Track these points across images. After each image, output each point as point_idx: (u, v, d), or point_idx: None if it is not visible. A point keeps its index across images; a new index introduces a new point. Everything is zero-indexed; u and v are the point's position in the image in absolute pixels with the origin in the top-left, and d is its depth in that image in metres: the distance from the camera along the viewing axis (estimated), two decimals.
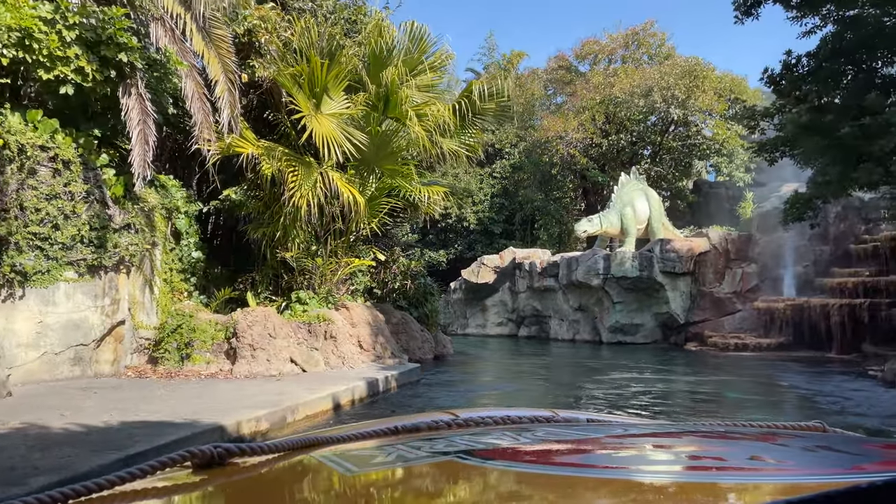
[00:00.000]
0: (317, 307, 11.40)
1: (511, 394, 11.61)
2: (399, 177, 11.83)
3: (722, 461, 1.09)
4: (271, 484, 1.08)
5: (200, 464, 1.07)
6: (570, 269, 22.24)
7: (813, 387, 11.55)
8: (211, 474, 1.06)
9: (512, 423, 1.42)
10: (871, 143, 10.06)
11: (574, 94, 26.68)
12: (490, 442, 1.23)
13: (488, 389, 12.05)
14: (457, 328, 26.25)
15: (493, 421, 1.43)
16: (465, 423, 1.43)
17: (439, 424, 1.39)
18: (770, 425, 1.41)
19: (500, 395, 11.10)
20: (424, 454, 1.13)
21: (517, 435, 1.27)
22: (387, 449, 1.20)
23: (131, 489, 0.99)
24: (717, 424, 1.47)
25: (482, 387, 12.49)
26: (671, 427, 1.52)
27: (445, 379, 12.49)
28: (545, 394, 11.39)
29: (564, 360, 19.08)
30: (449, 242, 30.23)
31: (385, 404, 9.05)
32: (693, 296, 21.61)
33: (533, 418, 1.46)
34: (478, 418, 1.47)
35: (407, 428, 1.33)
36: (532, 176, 27.90)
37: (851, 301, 17.49)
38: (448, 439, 1.23)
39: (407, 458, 1.11)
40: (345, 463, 1.08)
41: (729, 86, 24.44)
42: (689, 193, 27.89)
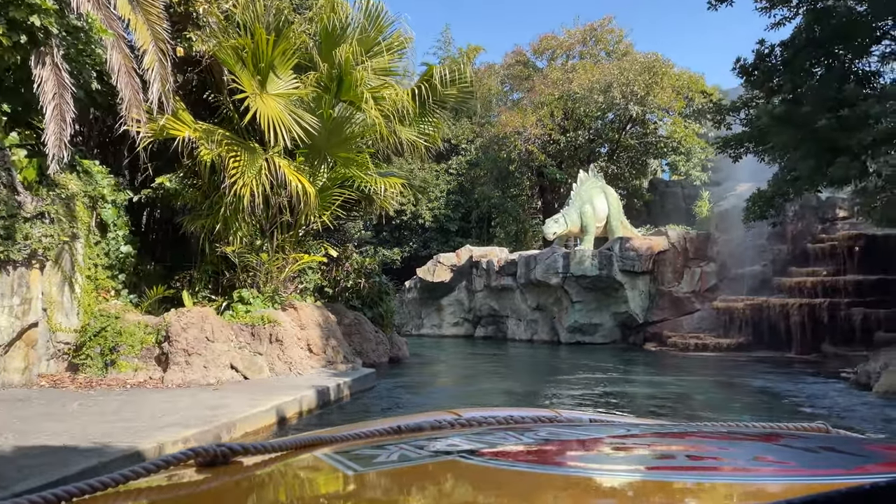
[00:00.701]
0: (261, 307, 10.38)
1: (473, 397, 10.86)
2: (353, 166, 10.90)
3: (724, 461, 1.08)
4: (275, 483, 1.09)
5: (204, 462, 1.07)
6: (528, 267, 21.64)
7: (786, 390, 11.12)
8: (214, 473, 1.06)
9: (515, 423, 1.43)
10: (848, 136, 9.65)
11: (532, 90, 26.12)
12: (493, 442, 1.21)
13: (448, 394, 11.24)
14: (411, 329, 25.40)
15: (496, 421, 1.44)
16: (467, 422, 1.43)
17: (442, 424, 1.39)
18: (772, 426, 1.40)
19: (461, 400, 10.33)
20: (427, 454, 1.11)
21: (520, 435, 1.26)
22: (390, 448, 1.16)
23: (135, 487, 1.00)
24: (720, 425, 1.45)
25: (441, 391, 11.67)
26: (674, 427, 1.47)
27: (402, 384, 11.63)
28: (508, 398, 10.67)
29: (523, 361, 18.44)
30: (403, 240, 29.33)
31: (337, 415, 8.14)
32: (652, 295, 21.27)
33: (536, 418, 1.48)
34: (480, 418, 1.47)
35: (410, 427, 1.34)
36: (489, 173, 27.24)
37: (811, 301, 17.35)
38: (451, 439, 1.23)
39: (410, 458, 1.09)
40: (348, 462, 1.06)
41: (687, 83, 24.25)
42: (646, 192, 27.68)
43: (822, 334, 17.27)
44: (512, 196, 27.45)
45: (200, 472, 1.07)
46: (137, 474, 1.00)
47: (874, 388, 9.69)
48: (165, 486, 1.02)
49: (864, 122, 9.45)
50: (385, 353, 14.67)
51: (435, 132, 12.95)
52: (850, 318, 16.61)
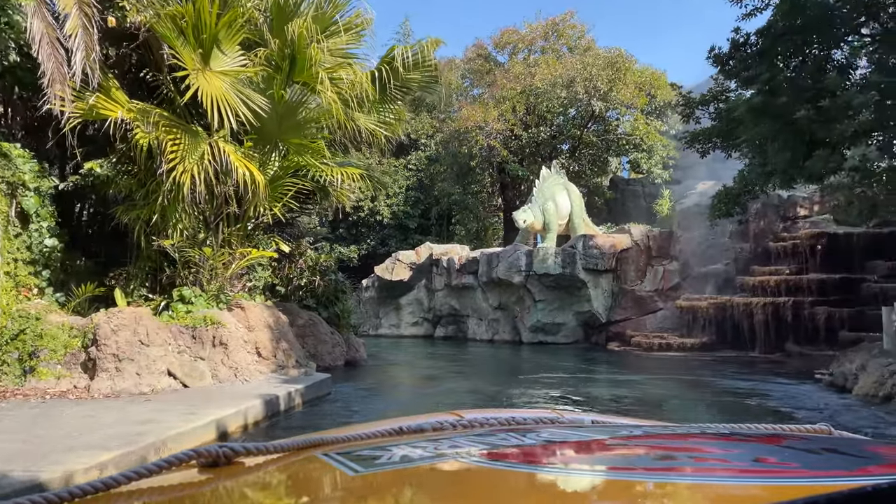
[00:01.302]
0: (205, 307, 9.45)
1: (435, 401, 10.15)
2: (307, 153, 10.04)
3: (726, 463, 1.08)
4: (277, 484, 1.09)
5: (206, 463, 1.08)
6: (490, 265, 21.03)
7: (762, 392, 10.72)
8: (216, 473, 1.07)
9: (516, 425, 1.42)
10: (828, 128, 9.26)
11: (493, 84, 25.53)
12: (495, 443, 1.21)
13: (409, 399, 10.50)
14: (369, 329, 24.56)
15: (498, 422, 1.45)
16: (469, 423, 1.42)
17: (444, 425, 1.38)
18: (775, 427, 1.39)
19: (423, 406, 9.60)
20: (429, 455, 1.12)
21: (522, 436, 1.25)
22: (391, 449, 1.14)
23: (137, 488, 1.00)
24: (722, 427, 1.42)
25: (402, 396, 10.91)
26: (676, 429, 1.43)
27: (360, 389, 10.83)
28: (472, 400, 10.00)
29: (485, 361, 17.81)
30: (361, 237, 28.42)
31: (287, 427, 7.31)
32: (615, 294, 20.92)
33: (537, 420, 1.47)
34: (482, 419, 1.47)
35: (411, 429, 1.33)
36: (449, 168, 26.55)
37: (775, 300, 17.17)
38: (452, 440, 1.23)
39: (411, 459, 1.09)
40: (349, 463, 1.06)
41: (649, 80, 24.01)
42: (607, 190, 27.40)
43: (785, 333, 17.10)
44: (473, 193, 26.82)
45: (202, 472, 1.07)
46: (140, 475, 1.01)
47: (854, 390, 9.32)
48: (167, 487, 1.02)
49: (845, 112, 9.07)
50: (341, 355, 13.84)
51: (396, 121, 12.17)
52: (814, 318, 16.46)
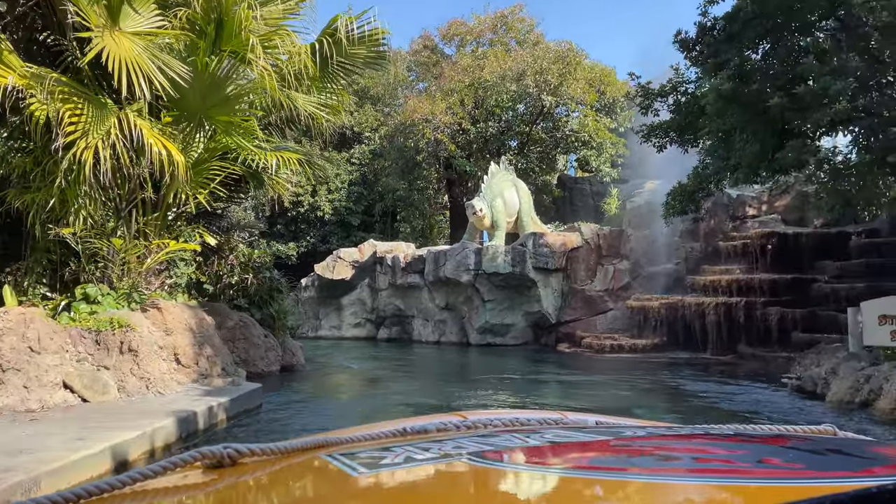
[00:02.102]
0: (113, 307, 8.15)
1: (378, 410, 9.15)
2: (237, 133, 8.85)
3: (730, 464, 1.07)
4: (281, 484, 1.09)
5: (211, 464, 1.08)
6: (437, 264, 20.09)
7: (727, 398, 10.13)
8: (221, 474, 1.06)
9: (521, 426, 1.43)
10: (803, 117, 8.69)
11: (441, 76, 24.62)
12: (499, 444, 1.21)
13: (350, 410, 9.43)
14: (308, 330, 23.27)
15: (502, 423, 1.45)
16: (473, 425, 1.42)
17: (448, 426, 1.38)
18: (779, 428, 1.38)
19: (365, 415, 8.59)
20: (433, 456, 1.11)
21: (526, 437, 1.25)
22: (395, 450, 1.14)
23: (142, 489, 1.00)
24: (726, 427, 1.41)
25: (342, 406, 9.82)
26: (680, 429, 1.43)
27: (296, 399, 9.69)
28: (419, 409, 9.06)
29: (431, 365, 16.87)
30: (300, 234, 27.04)
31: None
32: (565, 294, 20.31)
33: (541, 421, 1.48)
34: (486, 420, 1.47)
35: (415, 430, 1.33)
36: (394, 163, 25.48)
37: (727, 300, 16.82)
38: (457, 441, 1.22)
39: (416, 460, 1.08)
40: (354, 464, 1.06)
41: (599, 76, 23.57)
42: (555, 188, 26.88)
43: (738, 335, 16.78)
44: (419, 189, 25.83)
45: (207, 473, 1.07)
46: (145, 476, 1.01)
47: (828, 396, 8.78)
48: (172, 488, 1.02)
49: (821, 100, 8.51)
50: (276, 360, 12.63)
51: (338, 104, 11.07)
52: (767, 318, 16.17)
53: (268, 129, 11.52)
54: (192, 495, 1.02)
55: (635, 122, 27.61)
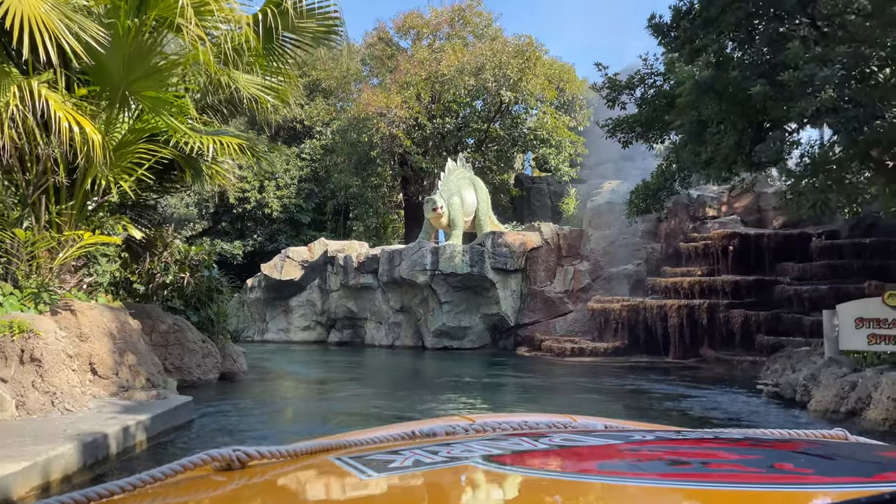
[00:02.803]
0: (17, 309, 6.99)
1: (325, 423, 8.22)
2: (167, 112, 7.77)
3: (741, 469, 1.07)
4: (290, 487, 1.10)
5: (220, 467, 1.09)
6: (392, 263, 19.16)
7: (701, 407, 9.52)
8: (230, 477, 1.07)
9: (529, 429, 1.42)
10: (786, 107, 8.13)
11: (397, 69, 23.70)
12: (507, 448, 1.20)
13: (293, 426, 8.46)
14: (254, 334, 22.05)
15: (511, 427, 1.43)
16: (481, 428, 1.40)
17: (456, 430, 1.37)
18: (791, 433, 1.37)
19: (309, 430, 7.65)
20: (442, 459, 1.11)
21: (534, 441, 1.25)
22: (404, 453, 1.14)
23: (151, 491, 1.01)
24: (736, 431, 1.39)
25: (284, 420, 8.83)
26: (689, 434, 1.41)
27: (233, 412, 8.63)
28: (369, 421, 8.17)
29: (385, 370, 15.95)
30: (247, 232, 25.71)
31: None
32: (524, 295, 19.64)
33: (550, 424, 1.48)
34: (494, 424, 1.44)
35: (424, 433, 1.33)
36: (347, 159, 24.42)
37: (690, 302, 16.39)
38: (465, 444, 1.22)
39: (424, 463, 1.08)
40: (362, 467, 1.07)
41: (558, 73, 23.03)
42: (513, 187, 26.27)
43: (700, 338, 16.37)
44: (372, 186, 24.83)
45: (217, 475, 1.07)
46: (154, 478, 1.02)
47: (811, 405, 8.23)
48: (182, 490, 1.02)
49: (805, 88, 7.97)
50: (215, 367, 11.53)
51: (285, 86, 10.06)
52: (730, 321, 15.78)
53: (206, 112, 10.43)
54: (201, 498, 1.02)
55: (598, 116, 27.24)
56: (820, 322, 14.54)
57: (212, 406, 8.79)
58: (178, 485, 1.03)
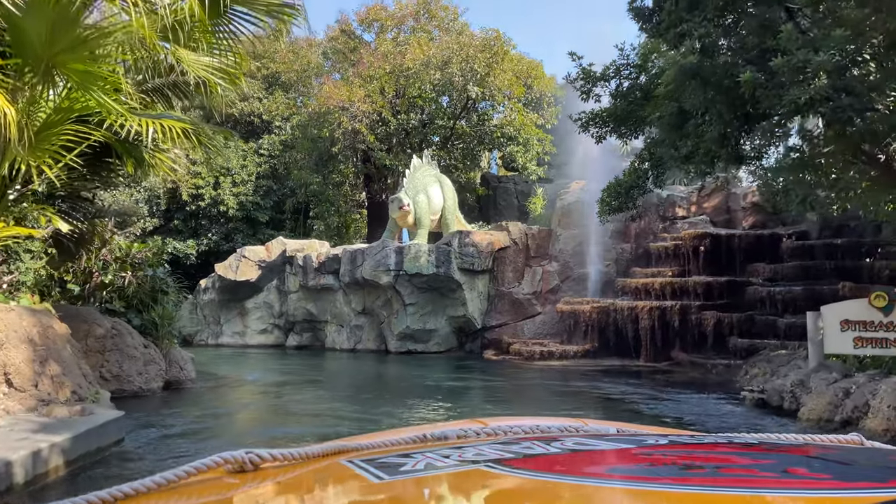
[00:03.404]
0: None
1: (274, 440, 7.38)
2: (98, 89, 6.85)
3: (755, 473, 1.06)
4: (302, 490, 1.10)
5: (233, 469, 1.09)
6: (354, 263, 18.31)
7: (686, 414, 8.95)
8: (243, 479, 1.08)
9: (541, 433, 1.41)
10: (779, 94, 7.60)
11: (360, 62, 22.83)
12: (519, 451, 1.19)
13: (240, 442, 7.59)
14: (207, 337, 20.97)
15: (522, 430, 1.42)
16: (493, 432, 1.40)
17: (468, 433, 1.37)
18: (805, 437, 1.37)
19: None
20: (453, 463, 1.11)
21: (546, 445, 1.24)
22: (415, 457, 1.15)
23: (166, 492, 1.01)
24: (750, 436, 1.40)
25: (230, 437, 7.91)
26: (702, 438, 1.40)
27: (173, 428, 7.70)
28: (328, 436, 7.36)
29: (345, 376, 15.12)
30: (201, 231, 24.51)
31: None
32: (491, 297, 19.00)
33: (562, 428, 1.46)
34: (506, 427, 1.43)
35: (435, 436, 1.32)
36: (308, 155, 23.44)
37: (661, 303, 15.94)
38: (476, 448, 1.21)
39: (436, 467, 1.09)
40: (374, 470, 1.06)
41: (526, 69, 22.48)
42: (479, 186, 25.64)
43: (672, 340, 15.95)
44: (334, 184, 23.91)
45: (230, 478, 1.08)
46: (168, 481, 1.02)
47: (802, 413, 7.71)
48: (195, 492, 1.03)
49: (798, 75, 7.45)
50: (158, 375, 10.56)
51: (236, 66, 9.19)
52: (702, 323, 15.39)
53: (150, 96, 9.49)
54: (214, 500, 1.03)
55: (566, 114, 26.78)
56: (795, 324, 14.30)
57: (150, 419, 7.86)
58: (192, 487, 1.04)
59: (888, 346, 9.08)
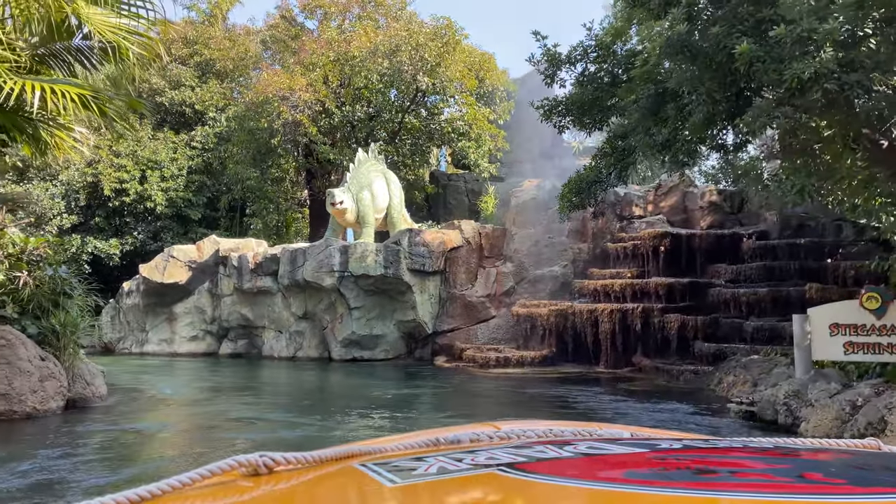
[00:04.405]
0: None
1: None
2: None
3: (770, 478, 1.05)
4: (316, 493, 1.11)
5: (248, 472, 1.10)
6: (294, 264, 16.86)
7: (662, 427, 7.96)
8: (257, 482, 1.09)
9: (554, 437, 1.42)
10: (778, 69, 6.71)
11: (302, 49, 21.35)
12: (533, 455, 1.18)
13: (141, 479, 6.19)
14: (131, 345, 19.15)
15: (535, 434, 1.43)
16: (506, 435, 1.41)
17: (481, 437, 1.37)
18: (821, 442, 1.36)
19: None
20: (466, 466, 1.11)
21: (560, 449, 1.23)
22: (428, 460, 1.14)
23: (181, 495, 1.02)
24: (765, 440, 1.38)
25: (131, 474, 6.48)
26: (717, 442, 1.40)
27: (60, 464, 6.21)
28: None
29: (282, 388, 13.68)
30: (125, 229, 22.53)
31: None
32: (443, 300, 17.86)
33: (575, 433, 1.46)
34: (519, 431, 1.45)
35: (448, 440, 1.32)
36: (245, 148, 21.78)
37: (623, 306, 15.11)
38: (490, 452, 1.21)
39: (449, 471, 1.08)
40: (387, 474, 1.07)
41: (479, 61, 21.46)
42: (428, 184, 24.49)
43: (634, 345, 15.13)
44: (273, 179, 22.32)
45: (244, 481, 1.09)
46: (182, 483, 1.03)
47: (804, 429, 6.81)
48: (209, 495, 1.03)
49: (803, 46, 6.58)
50: (58, 393, 8.97)
51: (153, 31, 7.77)
52: (665, 326, 14.60)
53: (46, 62, 7.96)
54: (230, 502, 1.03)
55: (519, 110, 25.90)
56: (762, 328, 13.66)
57: (28, 451, 6.34)
58: (207, 490, 1.04)
59: (881, 351, 8.34)
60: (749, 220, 17.76)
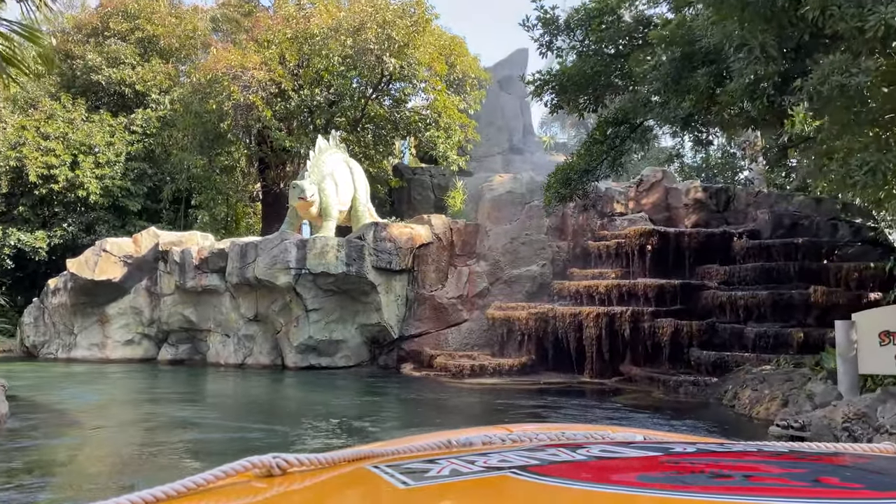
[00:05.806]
0: None
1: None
2: None
3: (785, 482, 1.04)
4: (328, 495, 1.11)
5: (261, 473, 1.10)
6: (244, 260, 15.01)
7: None
8: (271, 483, 1.09)
9: (567, 440, 1.40)
10: (859, 13, 5.35)
11: (256, 26, 19.48)
12: (545, 458, 1.18)
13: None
14: (57, 350, 17.06)
15: (548, 437, 1.42)
16: (519, 438, 1.40)
17: (493, 440, 1.36)
18: (837, 446, 1.33)
19: None
20: (479, 469, 1.10)
21: (572, 452, 1.23)
22: (441, 463, 1.14)
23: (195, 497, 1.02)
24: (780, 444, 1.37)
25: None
26: (731, 446, 1.37)
27: None
28: None
29: (225, 401, 11.91)
30: (54, 220, 20.22)
31: None
32: (410, 301, 16.27)
33: (588, 436, 1.45)
34: (532, 434, 1.44)
35: (461, 442, 1.32)
36: (191, 133, 19.75)
37: (609, 309, 13.75)
38: (502, 454, 1.21)
39: (462, 473, 1.08)
40: (400, 476, 1.06)
41: (448, 45, 19.95)
42: (393, 177, 22.84)
43: (621, 352, 13.79)
44: (223, 168, 20.34)
45: (257, 482, 1.09)
46: (197, 484, 1.03)
47: None
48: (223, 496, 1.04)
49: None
50: None
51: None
52: (656, 332, 13.30)
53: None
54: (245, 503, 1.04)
55: (491, 98, 24.44)
56: (766, 334, 12.44)
57: None
58: (222, 490, 1.04)
59: None
60: (736, 219, 16.73)
